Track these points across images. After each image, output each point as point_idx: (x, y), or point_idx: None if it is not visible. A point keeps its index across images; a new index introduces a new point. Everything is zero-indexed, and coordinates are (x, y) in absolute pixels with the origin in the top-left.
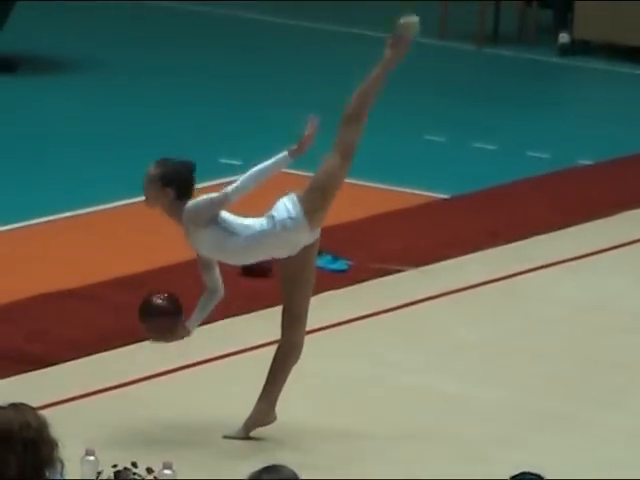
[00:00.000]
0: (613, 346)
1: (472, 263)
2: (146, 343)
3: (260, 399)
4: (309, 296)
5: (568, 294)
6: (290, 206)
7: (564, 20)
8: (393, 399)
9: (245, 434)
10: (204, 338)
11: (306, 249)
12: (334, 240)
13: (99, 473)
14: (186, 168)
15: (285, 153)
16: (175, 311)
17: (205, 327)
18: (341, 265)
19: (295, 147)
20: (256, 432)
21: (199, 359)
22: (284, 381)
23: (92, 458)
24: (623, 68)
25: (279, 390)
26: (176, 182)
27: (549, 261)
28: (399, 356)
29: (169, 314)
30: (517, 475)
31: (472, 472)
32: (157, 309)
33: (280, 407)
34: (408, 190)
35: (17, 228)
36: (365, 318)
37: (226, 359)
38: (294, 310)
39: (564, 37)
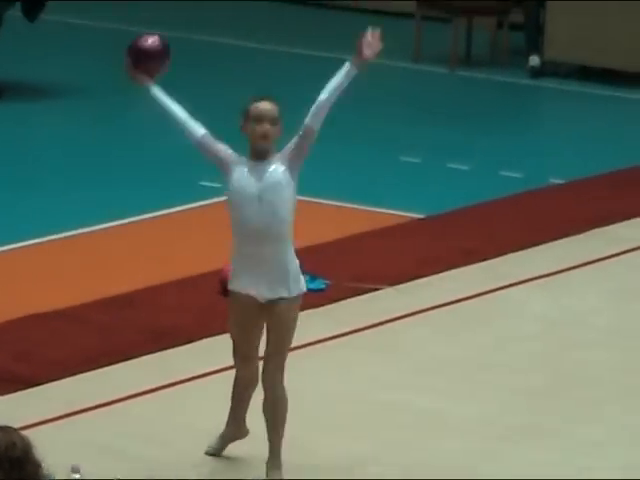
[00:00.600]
0: (584, 361)
1: (447, 281)
2: (131, 362)
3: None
4: None
5: (541, 310)
6: None
7: (535, 42)
8: (372, 415)
9: (219, 449)
10: (186, 357)
11: None
12: (312, 260)
13: None
14: None
15: (347, 64)
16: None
17: (187, 346)
18: (319, 284)
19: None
20: (241, 449)
21: (181, 378)
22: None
23: (78, 476)
24: (593, 89)
25: (245, 410)
26: None
27: (522, 278)
28: (377, 372)
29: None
30: None
31: None
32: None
33: (261, 424)
34: (384, 210)
35: (3, 250)
36: (343, 336)
37: (208, 377)
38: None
39: (534, 60)
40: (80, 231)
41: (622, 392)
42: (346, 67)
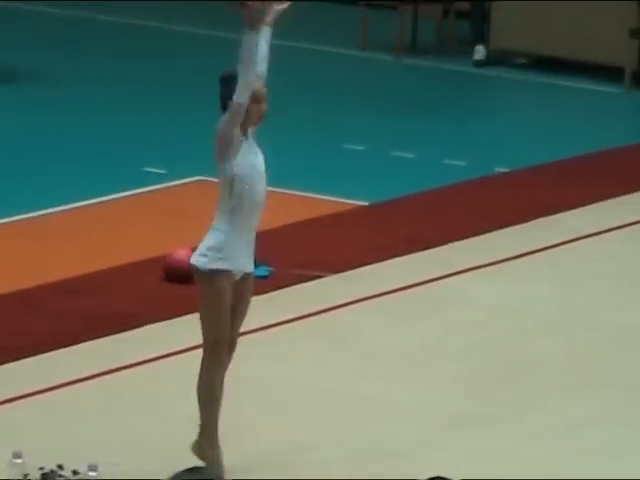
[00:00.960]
0: (530, 350)
1: (391, 269)
2: (76, 347)
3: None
4: None
5: (486, 299)
6: None
7: (481, 31)
8: (318, 401)
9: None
10: (130, 343)
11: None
12: (256, 247)
13: (26, 475)
14: None
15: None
16: None
17: (130, 333)
18: (263, 271)
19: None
20: (182, 436)
21: (125, 363)
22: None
23: (19, 461)
24: (538, 78)
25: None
26: None
27: (467, 266)
28: (322, 359)
29: None
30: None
31: (394, 474)
32: None
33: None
34: (329, 198)
35: None
36: (288, 323)
37: (151, 363)
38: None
39: (479, 50)
40: (25, 216)
41: (570, 380)
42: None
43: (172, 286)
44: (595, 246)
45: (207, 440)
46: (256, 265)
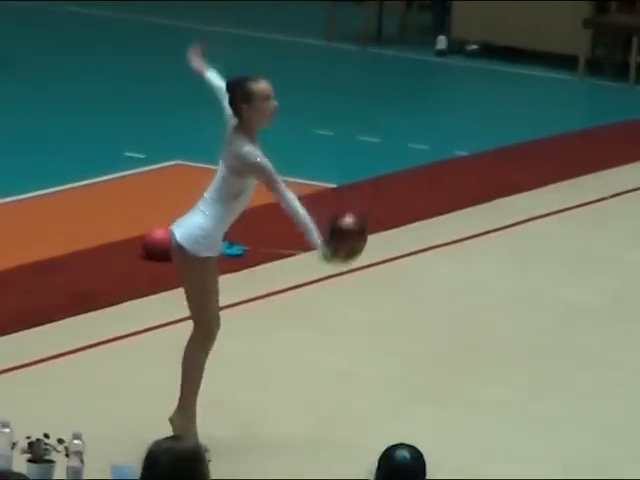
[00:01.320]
0: (487, 325)
1: None
2: (56, 324)
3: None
4: None
5: (447, 276)
6: None
7: (442, 22)
8: (288, 375)
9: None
10: (110, 319)
11: None
12: (230, 227)
13: (14, 444)
14: None
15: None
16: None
17: (110, 309)
18: (237, 250)
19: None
20: (159, 408)
21: (105, 338)
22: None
23: (7, 430)
24: (496, 66)
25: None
26: None
27: (429, 245)
28: (292, 334)
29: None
30: (392, 447)
31: (359, 443)
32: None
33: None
34: (298, 180)
35: None
36: (260, 299)
37: (130, 337)
38: None
39: (441, 40)
40: (7, 199)
41: (523, 354)
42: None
43: (150, 264)
44: (548, 226)
45: (185, 412)
46: (231, 244)
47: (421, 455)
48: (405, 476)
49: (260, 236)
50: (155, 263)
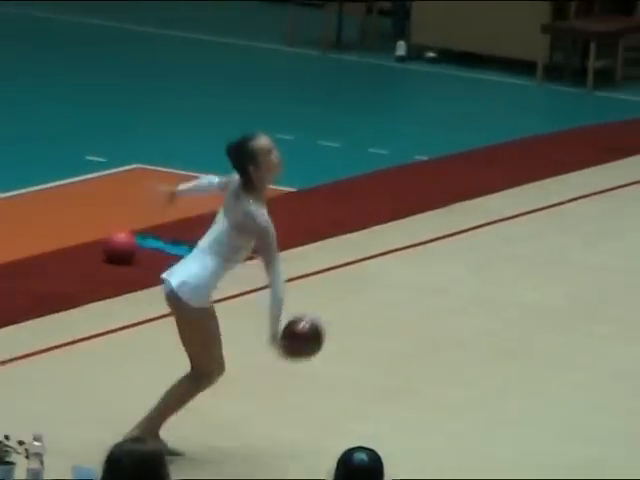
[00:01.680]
0: (451, 326)
1: (317, 251)
2: (22, 325)
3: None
4: None
5: (407, 279)
6: None
7: (402, 28)
8: (248, 377)
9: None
10: (74, 320)
11: None
12: (189, 230)
13: None
14: None
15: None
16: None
17: (74, 310)
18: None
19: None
20: (123, 409)
21: (68, 340)
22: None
23: None
24: (456, 72)
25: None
26: None
27: (388, 248)
28: (248, 337)
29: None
30: (350, 449)
31: (322, 444)
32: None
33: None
34: None
35: None
36: (220, 302)
37: (93, 340)
38: None
39: (401, 45)
40: None
41: (486, 355)
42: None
43: (112, 267)
44: (508, 229)
45: (147, 428)
46: (190, 248)
47: (379, 458)
48: (364, 478)
49: None
50: (117, 266)
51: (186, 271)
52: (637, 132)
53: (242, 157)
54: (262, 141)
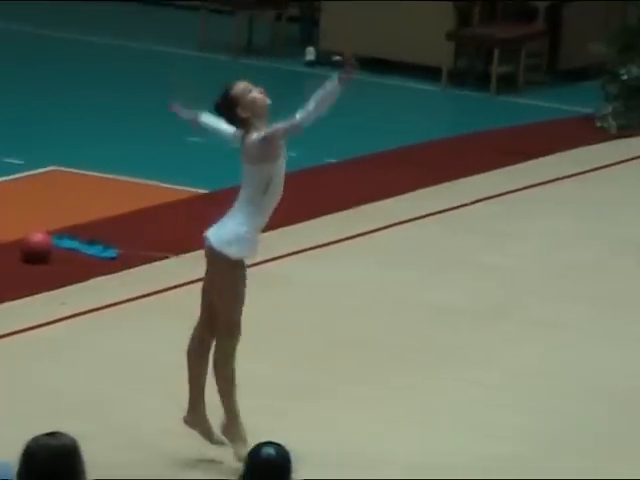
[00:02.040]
0: (357, 325)
1: None
2: None
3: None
4: None
5: (314, 279)
6: None
7: (309, 34)
8: (169, 374)
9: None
10: None
11: None
12: (104, 231)
13: None
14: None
15: (334, 80)
16: None
17: None
18: (111, 253)
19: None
20: (40, 406)
21: None
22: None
23: None
24: (364, 77)
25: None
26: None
27: (296, 249)
28: (170, 334)
29: None
30: (258, 444)
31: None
32: None
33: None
34: (173, 186)
35: None
36: (134, 300)
37: (10, 337)
38: None
39: (310, 51)
40: None
41: (392, 354)
42: (332, 81)
43: (29, 267)
44: (412, 230)
45: (233, 423)
46: (105, 248)
47: (287, 452)
48: (271, 472)
49: (135, 240)
50: (33, 266)
51: (223, 226)
52: (538, 136)
53: (228, 105)
54: (240, 85)
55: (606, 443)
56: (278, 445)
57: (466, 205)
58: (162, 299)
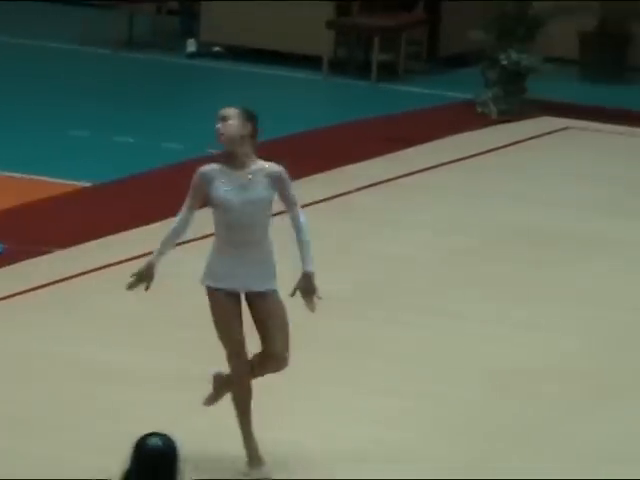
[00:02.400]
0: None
1: (114, 243)
2: None
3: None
4: None
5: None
6: None
7: (189, 26)
8: (54, 370)
9: None
10: None
11: None
12: None
13: None
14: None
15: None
16: None
17: None
18: None
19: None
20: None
21: None
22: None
23: None
24: (245, 68)
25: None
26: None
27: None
28: (58, 329)
29: None
30: (145, 435)
31: (109, 430)
32: None
33: None
34: (57, 180)
35: None
36: (21, 294)
37: None
38: None
39: (191, 43)
40: None
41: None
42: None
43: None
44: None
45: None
46: None
47: (174, 442)
48: (157, 462)
49: (20, 234)
50: None
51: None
52: (418, 123)
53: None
54: (220, 111)
55: (492, 426)
56: (164, 435)
57: (349, 193)
58: (49, 293)
